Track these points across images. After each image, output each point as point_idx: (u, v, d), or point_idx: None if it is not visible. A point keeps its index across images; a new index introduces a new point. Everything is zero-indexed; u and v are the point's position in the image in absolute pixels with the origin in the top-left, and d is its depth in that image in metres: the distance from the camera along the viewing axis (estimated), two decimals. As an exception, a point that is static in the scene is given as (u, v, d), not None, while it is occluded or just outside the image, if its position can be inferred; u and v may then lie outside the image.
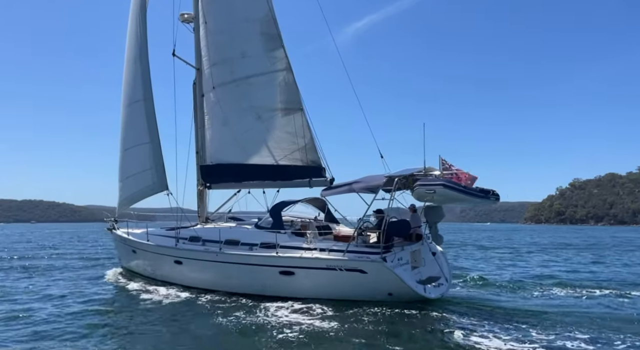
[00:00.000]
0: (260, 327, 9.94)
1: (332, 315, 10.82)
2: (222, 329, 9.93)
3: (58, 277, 17.56)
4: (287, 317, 10.83)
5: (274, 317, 10.84)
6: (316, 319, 10.58)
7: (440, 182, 11.05)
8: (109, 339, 9.31)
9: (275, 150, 15.10)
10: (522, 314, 11.29)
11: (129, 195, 17.85)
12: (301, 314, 11.03)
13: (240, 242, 13.98)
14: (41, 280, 16.99)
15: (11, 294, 14.24)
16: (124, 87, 17.81)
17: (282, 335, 9.23)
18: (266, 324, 10.17)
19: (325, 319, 10.55)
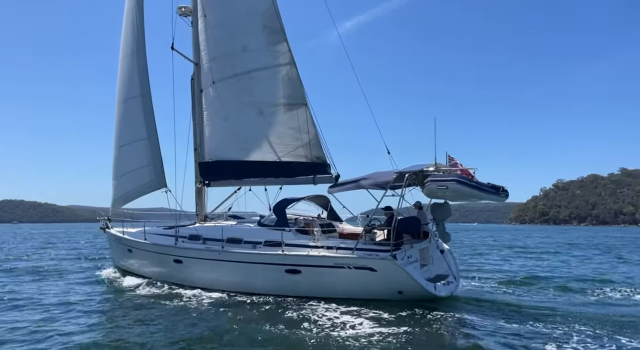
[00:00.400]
0: (262, 326, 9.64)
1: (337, 315, 10.58)
2: (223, 328, 9.62)
3: (51, 279, 16.90)
4: (293, 316, 10.56)
5: (277, 316, 10.57)
6: (323, 318, 10.32)
7: (453, 178, 10.84)
8: (105, 338, 8.97)
9: (277, 146, 14.77)
10: (533, 310, 11.16)
11: (124, 193, 17.36)
12: (308, 314, 10.75)
13: (243, 240, 13.64)
14: (39, 282, 16.42)
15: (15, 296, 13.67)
16: (120, 83, 17.32)
17: (290, 334, 8.99)
18: (270, 323, 9.86)
19: (332, 318, 10.30)
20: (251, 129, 15.23)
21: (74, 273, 18.53)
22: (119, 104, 17.36)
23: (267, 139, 14.94)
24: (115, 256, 18.65)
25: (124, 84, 16.97)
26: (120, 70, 17.20)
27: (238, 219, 16.05)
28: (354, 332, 9.11)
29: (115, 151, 17.75)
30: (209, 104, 16.38)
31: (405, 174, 11.48)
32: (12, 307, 11.91)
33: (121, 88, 17.09)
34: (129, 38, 16.61)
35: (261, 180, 15.56)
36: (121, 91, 17.12)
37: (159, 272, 15.36)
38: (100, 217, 19.19)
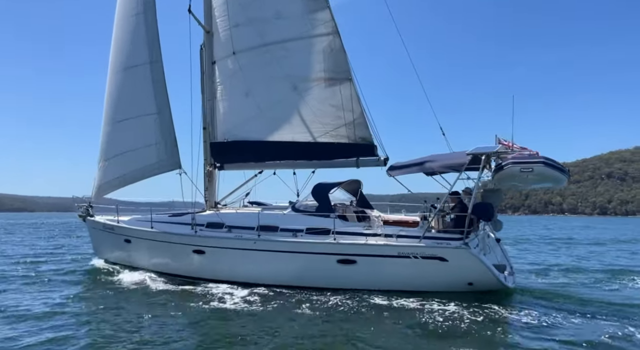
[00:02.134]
0: (321, 323, 8.70)
1: (398, 308, 9.70)
2: (279, 328, 8.42)
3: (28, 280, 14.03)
4: (347, 310, 9.64)
5: (328, 311, 9.57)
6: (386, 312, 9.41)
7: (541, 160, 10.06)
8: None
9: (314, 125, 13.35)
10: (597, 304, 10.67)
11: (120, 175, 15.15)
12: (367, 308, 9.79)
13: (280, 227, 12.24)
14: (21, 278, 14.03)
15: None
16: (118, 48, 15.06)
17: (348, 330, 8.20)
18: (328, 319, 8.93)
19: (396, 312, 9.44)
20: (282, 105, 13.67)
21: (52, 270, 15.94)
22: (116, 73, 15.12)
23: (301, 117, 13.45)
24: (102, 248, 16.36)
25: (125, 49, 14.77)
26: (120, 32, 14.95)
27: (262, 206, 14.50)
28: (413, 331, 8.30)
29: (108, 127, 15.49)
30: (226, 77, 14.60)
31: (482, 155, 10.59)
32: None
33: (121, 54, 14.87)
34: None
35: (290, 163, 14.10)
36: (121, 57, 14.90)
37: (171, 265, 13.57)
38: (79, 204, 16.84)
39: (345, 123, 12.95)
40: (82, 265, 16.61)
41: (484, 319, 8.89)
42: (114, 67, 15.22)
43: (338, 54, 12.85)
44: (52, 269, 15.80)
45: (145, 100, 14.37)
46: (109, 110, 15.44)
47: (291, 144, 13.72)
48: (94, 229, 16.46)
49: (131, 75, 14.62)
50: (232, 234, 12.60)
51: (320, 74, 13.11)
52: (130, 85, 14.69)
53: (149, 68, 14.15)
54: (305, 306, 10.00)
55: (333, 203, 12.96)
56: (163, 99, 14.09)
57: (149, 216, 14.84)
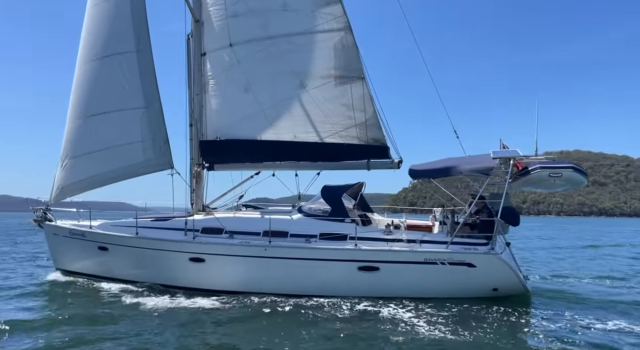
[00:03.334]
0: (346, 336, 8.22)
1: (422, 315, 9.48)
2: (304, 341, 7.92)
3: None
4: (361, 317, 9.41)
5: (339, 320, 9.21)
6: (409, 321, 9.14)
7: (570, 165, 10.20)
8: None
9: (321, 124, 12.66)
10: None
11: (93, 176, 13.47)
12: (391, 317, 9.41)
13: (290, 233, 11.48)
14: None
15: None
16: (92, 35, 13.38)
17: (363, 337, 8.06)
18: (331, 328, 8.63)
19: (420, 319, 9.19)
20: (286, 103, 12.85)
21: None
22: (89, 62, 13.42)
23: (307, 116, 12.72)
24: (66, 257, 14.47)
25: (102, 36, 13.14)
26: (96, 17, 13.31)
27: (258, 211, 13.55)
28: (444, 333, 8.21)
29: (76, 122, 13.71)
30: (220, 70, 13.52)
31: (510, 159, 10.52)
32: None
33: (96, 41, 13.21)
34: None
35: (292, 164, 13.30)
36: (96, 45, 13.26)
37: (161, 275, 12.29)
38: (34, 207, 14.86)
39: (356, 123, 12.41)
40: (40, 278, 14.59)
41: (504, 324, 8.91)
42: (86, 56, 13.51)
43: (350, 51, 12.30)
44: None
45: (128, 93, 12.92)
46: (78, 103, 13.68)
47: (295, 144, 12.96)
48: (56, 235, 14.57)
49: (109, 65, 13.06)
50: (236, 240, 11.63)
51: (330, 72, 12.48)
52: (107, 75, 13.09)
53: (135, 57, 12.73)
54: (316, 316, 9.54)
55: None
56: (152, 92, 12.75)
57: (126, 221, 13.45)
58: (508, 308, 9.88)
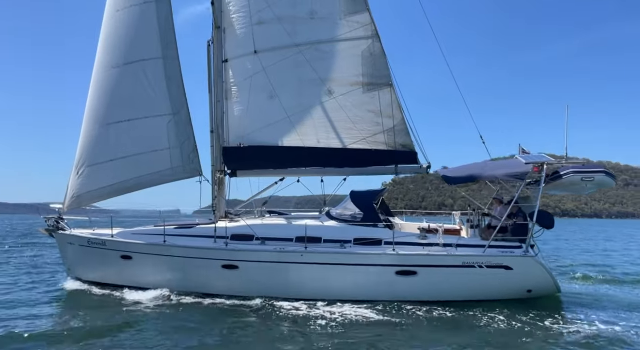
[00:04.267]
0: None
1: (437, 318, 9.93)
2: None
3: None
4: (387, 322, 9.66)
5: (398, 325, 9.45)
6: (423, 322, 9.60)
7: (601, 170, 10.70)
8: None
9: (349, 131, 12.84)
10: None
11: (118, 183, 13.28)
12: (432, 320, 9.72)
13: (323, 239, 11.63)
14: None
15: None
16: (114, 42, 13.17)
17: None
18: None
19: (457, 322, 9.57)
20: (313, 110, 12.97)
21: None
22: (111, 68, 13.25)
23: (335, 123, 12.86)
24: (83, 266, 14.14)
25: (125, 42, 12.97)
26: (118, 23, 13.11)
27: (282, 216, 13.63)
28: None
29: (97, 129, 13.51)
30: (244, 78, 13.53)
31: (544, 164, 10.96)
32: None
33: (120, 47, 13.05)
34: None
35: (318, 170, 13.41)
36: (118, 51, 13.09)
37: (193, 282, 12.22)
38: (47, 216, 14.53)
39: (384, 130, 12.66)
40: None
41: (536, 326, 9.25)
42: (106, 62, 13.32)
43: (378, 59, 12.55)
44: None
45: (154, 100, 12.83)
46: (98, 110, 13.43)
47: (321, 150, 13.08)
48: (71, 244, 14.25)
49: (133, 71, 12.93)
50: (270, 247, 11.68)
51: (358, 79, 12.69)
52: (131, 82, 12.96)
53: (162, 63, 12.65)
54: (351, 320, 9.77)
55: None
56: (180, 99, 12.70)
57: (146, 228, 13.33)
58: (541, 309, 10.29)
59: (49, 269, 17.99)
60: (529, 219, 11.18)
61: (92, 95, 13.59)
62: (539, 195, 10.91)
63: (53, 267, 18.15)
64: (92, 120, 13.55)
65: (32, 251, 24.81)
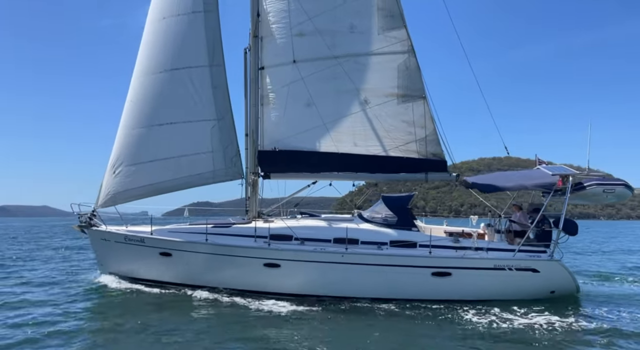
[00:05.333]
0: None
1: (489, 317, 10.55)
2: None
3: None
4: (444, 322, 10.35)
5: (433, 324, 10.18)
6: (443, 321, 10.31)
7: (622, 182, 11.65)
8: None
9: (382, 139, 13.58)
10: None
11: (158, 182, 13.82)
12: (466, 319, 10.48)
13: (360, 240, 12.39)
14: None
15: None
16: (157, 47, 13.75)
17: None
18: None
19: (488, 321, 10.26)
20: (348, 118, 13.69)
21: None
22: (153, 74, 13.79)
23: (369, 131, 13.61)
24: (118, 262, 14.62)
25: (170, 48, 13.56)
26: (163, 30, 13.66)
27: (313, 217, 14.32)
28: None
29: (136, 131, 14.02)
30: (281, 85, 14.19)
31: (569, 176, 11.89)
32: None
33: (165, 53, 13.62)
34: None
35: (350, 174, 14.14)
36: (163, 57, 13.65)
37: (232, 279, 12.85)
38: (80, 214, 14.98)
39: (416, 139, 13.46)
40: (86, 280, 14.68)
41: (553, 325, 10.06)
42: (149, 68, 13.87)
43: (413, 73, 13.35)
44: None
45: (198, 105, 13.44)
46: (138, 113, 13.98)
47: (355, 156, 13.81)
48: (105, 240, 14.73)
49: (178, 77, 13.52)
50: (310, 247, 12.38)
51: (393, 90, 13.46)
52: (176, 87, 13.56)
53: (208, 71, 13.29)
54: (386, 317, 10.55)
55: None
56: (225, 106, 13.36)
57: (184, 227, 13.93)
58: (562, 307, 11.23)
59: (83, 264, 18.62)
60: (553, 225, 12.12)
61: (133, 98, 14.12)
62: (565, 205, 11.83)
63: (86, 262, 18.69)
64: (132, 122, 14.08)
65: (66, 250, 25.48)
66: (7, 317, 10.39)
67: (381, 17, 13.38)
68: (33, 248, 28.01)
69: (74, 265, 19.26)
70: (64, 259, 21.62)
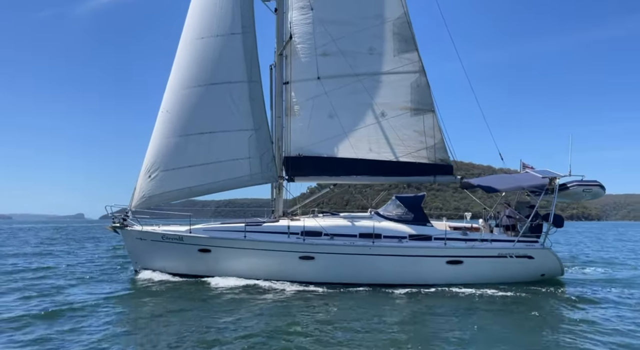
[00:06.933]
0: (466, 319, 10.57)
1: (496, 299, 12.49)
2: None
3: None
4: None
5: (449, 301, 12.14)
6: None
7: (597, 183, 14.12)
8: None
9: (396, 146, 15.63)
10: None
11: (196, 185, 15.25)
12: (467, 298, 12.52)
13: (383, 235, 14.33)
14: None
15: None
16: (195, 63, 15.18)
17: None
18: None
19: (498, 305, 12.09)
20: (367, 128, 15.66)
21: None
22: (192, 87, 15.21)
23: (385, 139, 15.65)
24: (155, 259, 15.86)
25: (209, 65, 15.02)
26: (201, 48, 15.12)
27: (334, 216, 16.14)
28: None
29: (174, 138, 15.38)
30: (306, 98, 16.03)
31: (556, 177, 14.28)
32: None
33: (204, 69, 15.05)
34: (226, 15, 14.89)
35: (367, 178, 16.10)
36: (202, 73, 15.09)
37: (271, 271, 14.47)
38: (114, 215, 16.25)
39: (426, 146, 15.59)
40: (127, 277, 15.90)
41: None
42: (187, 82, 15.25)
43: (424, 90, 15.48)
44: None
45: (236, 116, 14.96)
46: (178, 122, 15.33)
47: (372, 162, 15.80)
48: (141, 240, 16.03)
49: (217, 91, 14.98)
50: (340, 241, 14.21)
51: (407, 104, 15.55)
52: (215, 100, 15.00)
53: (247, 87, 14.84)
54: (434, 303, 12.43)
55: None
56: (261, 117, 14.95)
57: (218, 226, 15.42)
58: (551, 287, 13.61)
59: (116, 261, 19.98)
60: (543, 220, 14.51)
61: (170, 109, 15.50)
62: (554, 202, 14.21)
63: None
64: (169, 130, 15.43)
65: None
66: (52, 301, 11.69)
67: (396, 41, 15.46)
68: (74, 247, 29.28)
69: (109, 262, 20.51)
70: (99, 257, 22.83)
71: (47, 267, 18.50)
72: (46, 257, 22.95)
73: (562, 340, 8.50)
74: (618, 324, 9.70)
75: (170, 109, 15.54)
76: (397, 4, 15.39)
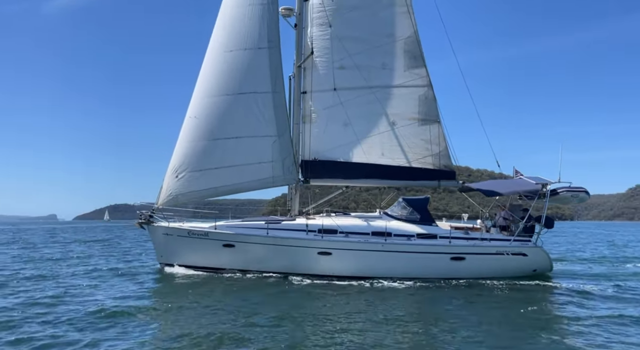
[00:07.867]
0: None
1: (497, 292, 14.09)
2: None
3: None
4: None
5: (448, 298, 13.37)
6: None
7: (583, 189, 15.88)
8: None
9: (406, 153, 17.13)
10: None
11: (222, 186, 16.68)
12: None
13: (393, 233, 15.89)
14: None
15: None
16: (223, 74, 16.55)
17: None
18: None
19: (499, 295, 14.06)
20: (379, 136, 17.22)
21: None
22: (219, 96, 16.57)
23: (394, 146, 17.23)
24: (179, 253, 17.21)
25: (237, 76, 16.40)
26: (230, 61, 16.49)
27: (346, 215, 17.66)
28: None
29: (201, 142, 16.73)
30: (323, 107, 17.49)
31: (547, 183, 16.01)
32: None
33: (232, 80, 16.43)
34: (254, 30, 16.28)
35: (377, 181, 17.67)
36: (231, 83, 16.46)
37: (291, 265, 15.84)
38: (141, 213, 17.53)
39: (432, 154, 17.20)
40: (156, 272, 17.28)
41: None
42: (215, 90, 16.58)
43: (431, 102, 17.09)
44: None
45: (261, 123, 16.37)
46: (206, 127, 16.66)
47: (382, 167, 17.36)
48: (168, 235, 17.29)
49: (245, 100, 16.38)
50: (355, 238, 15.73)
51: (415, 115, 17.14)
52: (242, 108, 16.39)
53: (271, 97, 16.28)
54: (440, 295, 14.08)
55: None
56: (284, 124, 16.40)
57: (239, 223, 16.82)
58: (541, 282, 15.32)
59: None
60: (536, 221, 16.24)
61: (198, 114, 16.83)
62: (545, 206, 15.95)
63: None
64: (196, 135, 16.78)
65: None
66: (83, 294, 12.93)
67: (407, 58, 17.05)
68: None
69: (136, 257, 21.75)
70: (125, 252, 24.07)
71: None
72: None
73: (549, 326, 9.91)
74: (598, 310, 11.28)
75: (198, 114, 16.88)
76: (408, 24, 16.97)
